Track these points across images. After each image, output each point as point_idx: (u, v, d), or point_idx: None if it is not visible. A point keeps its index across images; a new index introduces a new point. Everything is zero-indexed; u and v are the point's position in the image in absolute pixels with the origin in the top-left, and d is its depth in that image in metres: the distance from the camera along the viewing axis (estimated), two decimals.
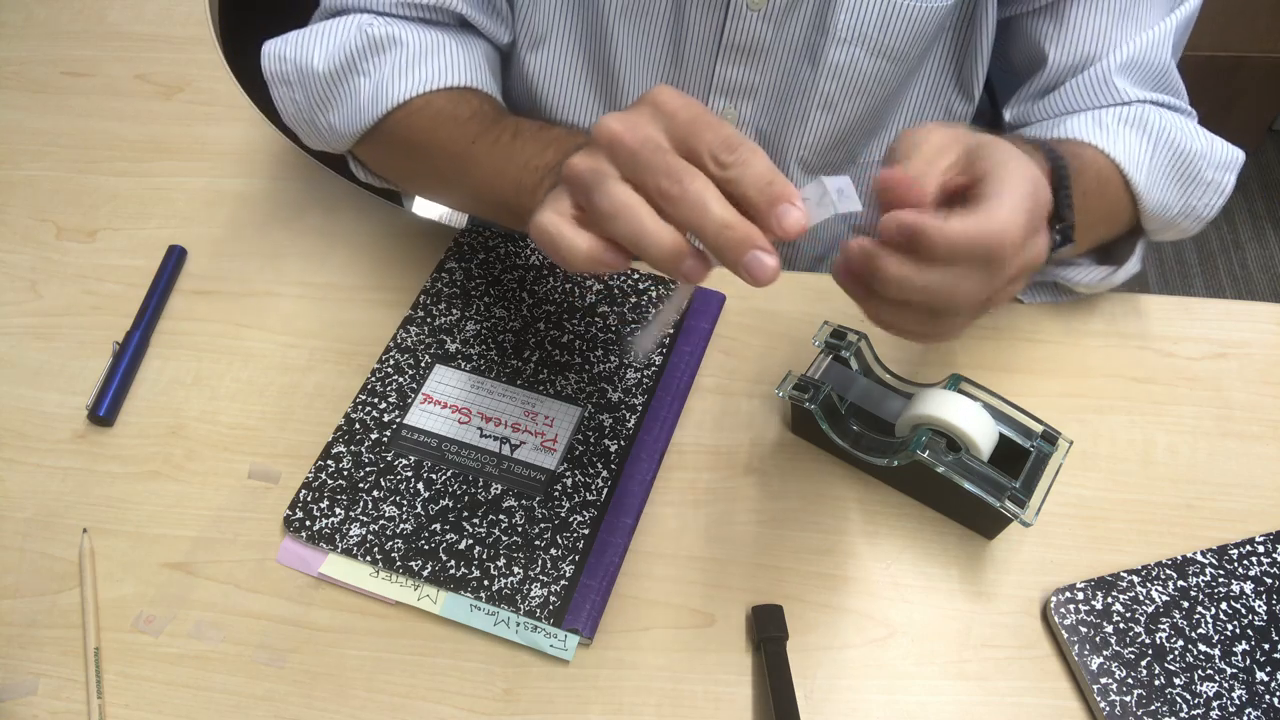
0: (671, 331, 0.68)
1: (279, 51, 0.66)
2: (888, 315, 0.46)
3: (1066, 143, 0.61)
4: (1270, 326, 0.71)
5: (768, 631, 0.56)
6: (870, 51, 0.67)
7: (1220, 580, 0.58)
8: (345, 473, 0.61)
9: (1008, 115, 0.72)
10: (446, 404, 0.64)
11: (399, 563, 0.58)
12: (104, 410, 0.63)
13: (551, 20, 0.71)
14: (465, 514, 0.60)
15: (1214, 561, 0.59)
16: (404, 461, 0.61)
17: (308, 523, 0.59)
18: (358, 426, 0.63)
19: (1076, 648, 0.55)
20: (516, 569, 0.57)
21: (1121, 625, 0.56)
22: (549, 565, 0.58)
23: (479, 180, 0.61)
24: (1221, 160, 0.66)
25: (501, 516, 0.59)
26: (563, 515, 0.60)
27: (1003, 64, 0.76)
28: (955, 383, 0.59)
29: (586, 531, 0.59)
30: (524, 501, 0.60)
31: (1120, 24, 0.66)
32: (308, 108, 0.67)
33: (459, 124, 0.63)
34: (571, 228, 0.43)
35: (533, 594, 0.57)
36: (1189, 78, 0.70)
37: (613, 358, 0.66)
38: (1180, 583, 0.58)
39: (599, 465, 0.62)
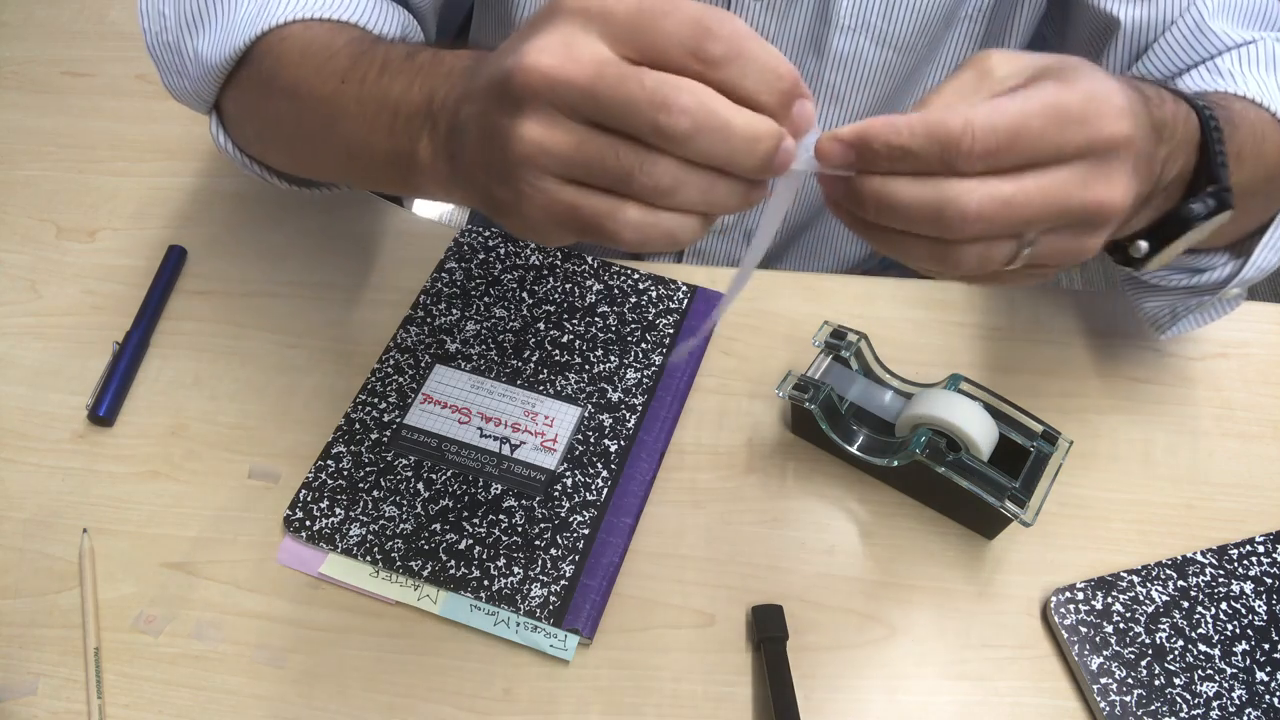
0: (672, 332, 0.68)
1: None
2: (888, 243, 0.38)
3: (1201, 94, 0.49)
4: (1270, 326, 0.71)
5: (768, 631, 0.56)
6: (875, 40, 0.67)
7: (1220, 580, 0.58)
8: (345, 473, 0.61)
9: None
10: (446, 404, 0.64)
11: (399, 563, 0.58)
12: (104, 410, 0.63)
13: None
14: (465, 514, 0.59)
15: (1214, 561, 0.59)
16: (404, 461, 0.61)
17: (308, 523, 0.59)
18: (358, 426, 0.63)
19: (1076, 648, 0.55)
20: (516, 569, 0.57)
21: (1121, 625, 0.56)
22: (549, 565, 0.58)
23: (349, 134, 0.48)
24: None
25: (501, 516, 0.59)
26: (563, 515, 0.60)
27: (1065, 49, 0.69)
28: (955, 383, 0.59)
29: (586, 531, 0.59)
30: (524, 501, 0.60)
31: None
32: (175, 27, 0.57)
33: (330, 55, 0.51)
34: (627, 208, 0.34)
35: (533, 594, 0.57)
36: None
37: (613, 358, 0.66)
38: (1180, 583, 0.58)
39: (599, 465, 0.62)
